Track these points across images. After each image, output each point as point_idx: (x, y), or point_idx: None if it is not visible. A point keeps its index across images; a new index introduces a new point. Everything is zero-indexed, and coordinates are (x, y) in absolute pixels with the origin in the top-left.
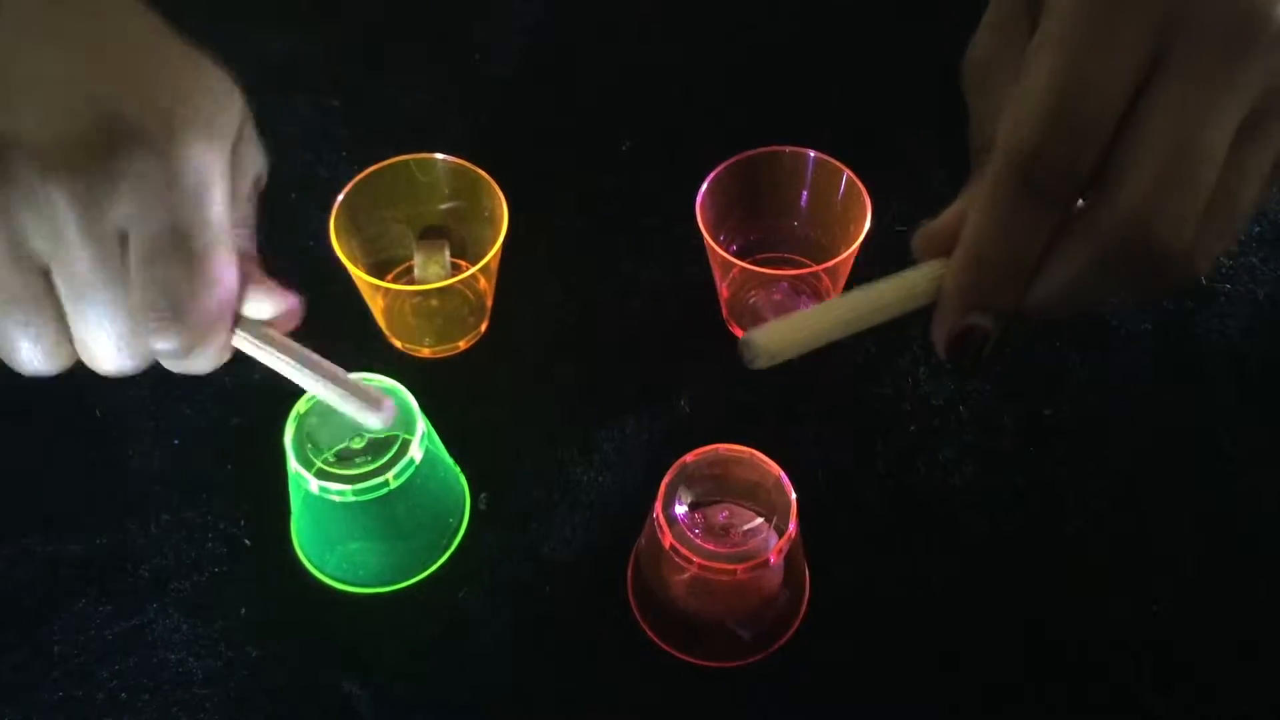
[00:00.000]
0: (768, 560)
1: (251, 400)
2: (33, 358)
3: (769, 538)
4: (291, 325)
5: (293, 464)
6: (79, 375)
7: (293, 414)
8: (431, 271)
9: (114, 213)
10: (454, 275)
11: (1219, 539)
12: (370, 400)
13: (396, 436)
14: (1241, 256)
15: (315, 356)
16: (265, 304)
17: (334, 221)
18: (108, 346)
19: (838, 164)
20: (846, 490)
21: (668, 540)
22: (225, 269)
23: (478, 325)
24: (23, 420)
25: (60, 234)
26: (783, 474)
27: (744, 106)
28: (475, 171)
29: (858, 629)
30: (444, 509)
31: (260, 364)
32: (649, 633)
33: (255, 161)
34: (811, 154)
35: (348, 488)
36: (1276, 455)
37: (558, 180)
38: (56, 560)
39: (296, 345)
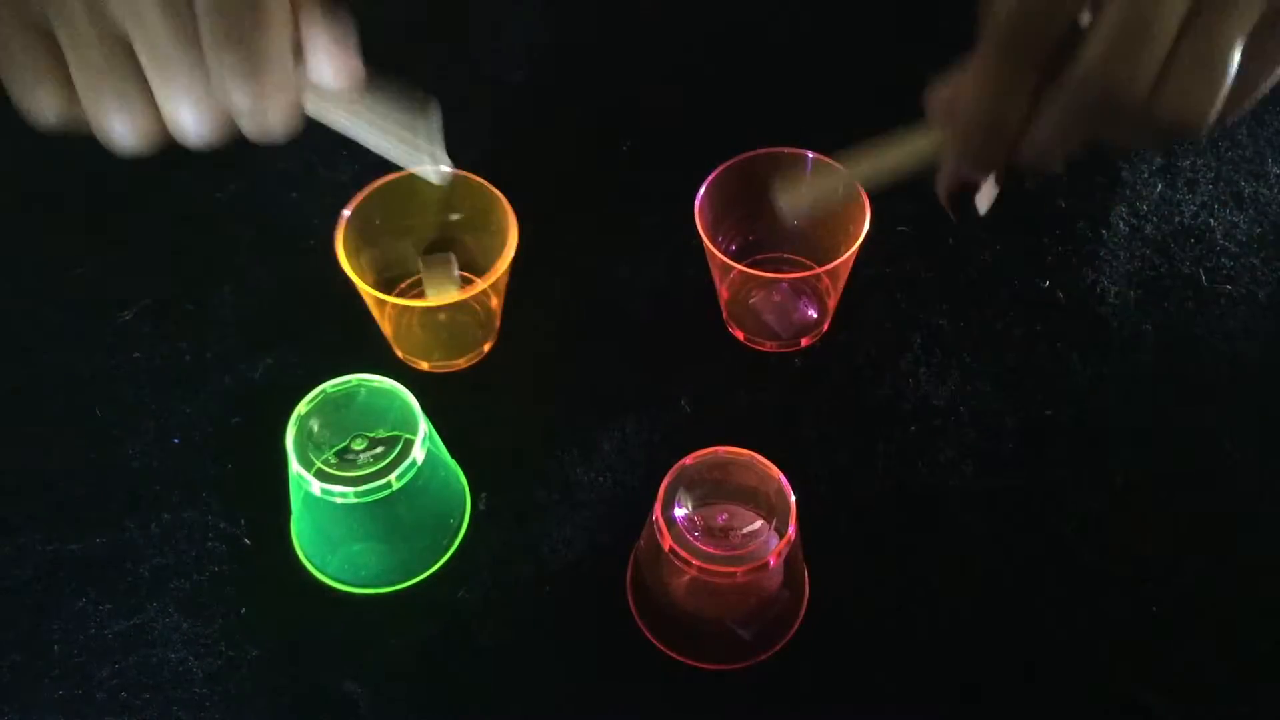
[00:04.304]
0: (767, 563)
1: (252, 400)
2: (124, 130)
3: (769, 540)
4: (352, 91)
5: (294, 466)
6: (79, 374)
7: (294, 415)
8: (442, 287)
9: None
10: (463, 288)
11: (1219, 539)
12: (433, 161)
13: (398, 437)
14: (1242, 257)
15: (381, 115)
16: (326, 66)
17: (341, 238)
18: (190, 109)
19: (836, 165)
20: (846, 491)
21: (667, 543)
22: (282, 15)
23: (485, 341)
24: (23, 419)
25: (136, 4)
26: (783, 478)
27: (743, 107)
28: (484, 185)
29: (857, 630)
30: (445, 509)
31: (259, 362)
32: (648, 634)
33: None
34: (810, 155)
35: (350, 489)
36: (1276, 455)
37: (558, 181)
38: (56, 559)
39: (362, 106)
